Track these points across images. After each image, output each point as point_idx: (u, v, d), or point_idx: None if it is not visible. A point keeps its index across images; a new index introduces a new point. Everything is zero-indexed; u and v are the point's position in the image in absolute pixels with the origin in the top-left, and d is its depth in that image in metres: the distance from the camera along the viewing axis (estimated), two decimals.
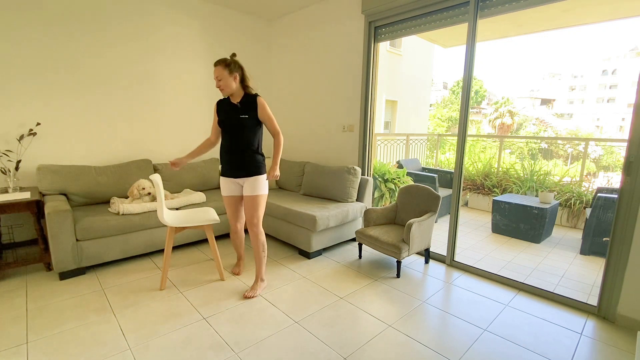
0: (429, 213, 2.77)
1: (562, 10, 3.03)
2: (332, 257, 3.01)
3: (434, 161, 7.10)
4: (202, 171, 3.64)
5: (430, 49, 10.38)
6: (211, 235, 2.45)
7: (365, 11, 3.12)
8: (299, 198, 3.38)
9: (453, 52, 57.48)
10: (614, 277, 2.05)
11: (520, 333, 1.93)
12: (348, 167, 3.22)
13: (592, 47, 70.84)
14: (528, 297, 2.36)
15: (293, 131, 4.21)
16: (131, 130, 3.38)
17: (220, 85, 2.10)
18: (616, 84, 37.13)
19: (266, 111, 2.20)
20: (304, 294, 2.32)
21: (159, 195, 2.16)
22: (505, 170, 5.50)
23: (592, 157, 7.17)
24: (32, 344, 1.73)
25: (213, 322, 1.96)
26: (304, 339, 1.83)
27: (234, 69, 2.09)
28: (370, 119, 3.33)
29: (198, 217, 2.40)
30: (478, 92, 29.57)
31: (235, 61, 2.12)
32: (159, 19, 3.40)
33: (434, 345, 1.80)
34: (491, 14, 2.46)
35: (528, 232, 3.71)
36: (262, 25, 4.25)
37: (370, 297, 2.30)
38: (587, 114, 38.51)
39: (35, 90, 2.82)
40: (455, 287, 2.49)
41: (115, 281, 2.44)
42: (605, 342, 1.87)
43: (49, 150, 2.94)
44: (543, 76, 46.13)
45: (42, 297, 2.19)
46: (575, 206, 4.21)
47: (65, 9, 2.87)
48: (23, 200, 2.37)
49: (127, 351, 1.70)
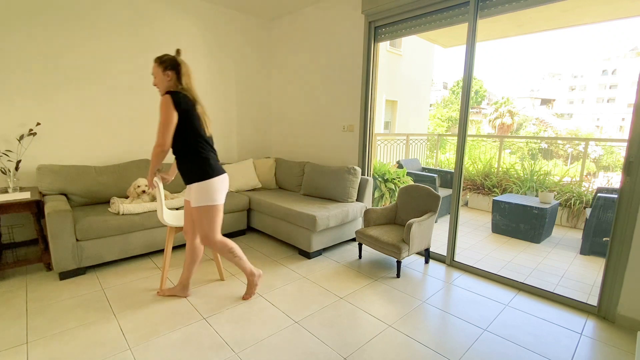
0: (429, 213, 2.77)
1: (562, 10, 3.03)
2: (332, 257, 3.01)
3: (434, 161, 7.10)
4: None
5: (430, 49, 10.37)
6: None
7: (365, 11, 3.12)
8: (299, 198, 3.38)
9: (453, 52, 57.51)
10: (614, 277, 2.05)
11: (520, 333, 1.93)
12: (348, 167, 3.22)
13: (592, 47, 70.82)
14: (528, 297, 2.36)
15: (293, 131, 4.21)
16: (131, 130, 3.38)
17: (154, 82, 1.95)
18: (616, 84, 37.13)
19: (160, 111, 1.83)
20: (304, 294, 2.32)
21: (159, 195, 2.16)
22: (505, 170, 5.51)
23: (592, 157, 7.17)
24: (32, 344, 1.73)
25: (213, 322, 1.96)
26: (304, 339, 1.83)
27: (168, 66, 1.90)
28: (370, 119, 3.33)
29: None
30: (478, 92, 29.57)
31: (172, 58, 1.92)
32: (159, 19, 3.40)
33: (434, 345, 1.80)
34: (491, 14, 2.45)
35: (528, 232, 3.71)
36: (262, 25, 4.25)
37: (370, 297, 2.30)
38: (587, 114, 38.51)
39: (35, 90, 2.82)
40: (455, 287, 2.49)
41: (115, 281, 2.44)
42: (605, 342, 1.87)
43: (49, 150, 2.94)
44: (543, 76, 46.15)
45: (42, 297, 2.18)
46: (575, 206, 4.21)
47: (65, 9, 2.87)
48: (23, 200, 2.37)
49: (127, 351, 1.70)
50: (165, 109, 1.80)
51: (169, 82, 1.91)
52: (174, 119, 1.82)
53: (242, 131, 4.28)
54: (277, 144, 4.53)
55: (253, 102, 4.32)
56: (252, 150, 4.42)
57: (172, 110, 1.81)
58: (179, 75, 1.92)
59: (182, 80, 1.92)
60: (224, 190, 2.02)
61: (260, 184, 3.85)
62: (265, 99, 4.45)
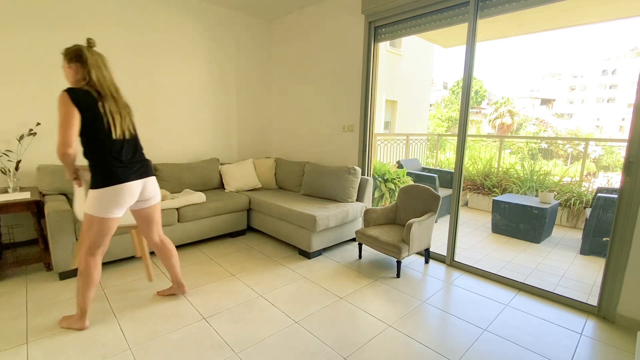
0: (429, 213, 2.77)
1: (562, 10, 3.03)
2: (332, 257, 3.01)
3: (434, 161, 7.10)
4: (202, 171, 3.64)
5: (430, 49, 10.37)
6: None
7: (365, 11, 3.12)
8: (299, 198, 3.38)
9: (453, 52, 57.47)
10: (614, 277, 2.05)
11: (520, 333, 1.93)
12: (348, 167, 3.22)
13: (592, 47, 70.84)
14: (528, 297, 2.36)
15: (293, 131, 4.21)
16: None
17: (65, 77, 1.77)
18: (616, 84, 37.13)
19: (58, 109, 1.62)
20: (304, 294, 2.32)
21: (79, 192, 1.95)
22: (505, 170, 5.51)
23: (592, 157, 7.17)
24: (32, 344, 1.73)
25: (213, 322, 1.96)
26: (304, 339, 1.83)
27: (72, 58, 1.68)
28: (370, 119, 3.33)
29: None
30: (478, 92, 29.57)
31: (76, 49, 1.69)
32: (158, 19, 3.40)
33: (434, 345, 1.80)
34: (491, 14, 2.46)
35: (528, 232, 3.71)
36: (262, 25, 4.25)
37: (370, 297, 2.30)
38: (587, 114, 38.51)
39: (35, 90, 2.82)
40: (455, 287, 2.49)
41: (115, 281, 2.44)
42: (605, 342, 1.87)
43: (49, 150, 2.93)
44: (543, 76, 46.15)
45: (42, 297, 2.18)
46: (575, 206, 4.21)
47: (66, 10, 2.87)
48: (23, 200, 2.37)
49: (127, 351, 1.70)
50: (61, 106, 1.60)
51: (75, 76, 1.70)
52: (74, 116, 1.61)
53: (242, 131, 4.28)
54: (277, 144, 4.53)
55: (253, 102, 4.32)
56: (252, 150, 4.42)
57: (71, 106, 1.60)
58: (86, 68, 1.69)
59: (92, 74, 1.69)
60: (117, 205, 1.75)
61: (260, 184, 3.85)
62: (265, 99, 4.45)
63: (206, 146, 3.96)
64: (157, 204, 2.03)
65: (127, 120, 1.82)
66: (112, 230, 1.82)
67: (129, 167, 1.78)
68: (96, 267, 1.83)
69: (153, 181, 1.95)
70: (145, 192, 1.90)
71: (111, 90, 1.76)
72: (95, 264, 1.82)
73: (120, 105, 1.80)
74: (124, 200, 1.78)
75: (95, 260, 1.82)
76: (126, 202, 1.79)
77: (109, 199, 1.72)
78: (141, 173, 1.85)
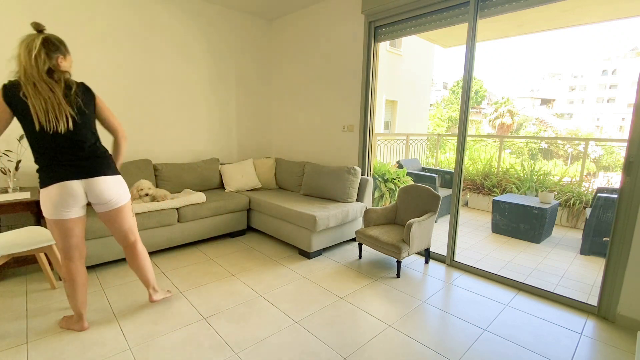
0: (429, 213, 2.77)
1: (562, 10, 3.03)
2: (332, 257, 3.01)
3: (434, 161, 7.10)
4: (202, 171, 3.64)
5: (430, 49, 10.38)
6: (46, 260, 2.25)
7: (365, 11, 3.12)
8: (299, 198, 3.38)
9: (453, 52, 57.55)
10: (614, 277, 2.05)
11: (520, 333, 1.93)
12: (348, 167, 3.22)
13: (592, 47, 70.84)
14: (528, 297, 2.36)
15: (293, 131, 4.21)
16: (131, 130, 3.37)
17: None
18: (616, 84, 37.13)
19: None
20: (304, 294, 2.32)
21: None
22: (505, 170, 5.51)
23: (592, 157, 7.17)
24: (32, 344, 1.73)
25: (213, 322, 1.96)
26: (304, 339, 1.83)
27: None
28: (370, 119, 3.33)
29: (23, 241, 2.03)
30: (478, 92, 29.57)
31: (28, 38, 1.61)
32: (159, 19, 3.40)
33: (434, 345, 1.80)
34: (491, 14, 2.46)
35: (528, 232, 3.71)
36: (262, 25, 4.25)
37: (370, 297, 2.30)
38: (587, 114, 38.51)
39: None
40: (455, 287, 2.49)
41: (115, 281, 2.44)
42: (605, 342, 1.87)
43: None
44: (543, 76, 46.15)
45: (42, 297, 2.19)
46: (575, 206, 4.21)
47: (65, 11, 2.87)
48: (23, 200, 2.37)
49: (127, 351, 1.70)
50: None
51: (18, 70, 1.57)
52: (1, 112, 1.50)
53: (242, 131, 4.28)
54: (277, 144, 4.53)
55: (253, 102, 4.32)
56: (252, 150, 4.42)
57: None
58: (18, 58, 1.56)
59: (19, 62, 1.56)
60: (63, 206, 1.61)
61: (260, 184, 3.85)
62: (265, 99, 4.45)
63: (206, 146, 3.96)
64: (119, 207, 1.81)
65: (61, 111, 1.57)
66: (72, 231, 1.68)
67: (64, 166, 1.60)
68: (77, 271, 1.75)
69: (105, 182, 1.71)
70: (95, 195, 1.70)
71: (31, 77, 1.53)
72: (76, 268, 1.74)
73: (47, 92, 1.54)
74: (66, 202, 1.61)
75: (75, 265, 1.74)
76: (70, 202, 1.62)
77: (50, 201, 1.59)
78: (83, 173, 1.64)
